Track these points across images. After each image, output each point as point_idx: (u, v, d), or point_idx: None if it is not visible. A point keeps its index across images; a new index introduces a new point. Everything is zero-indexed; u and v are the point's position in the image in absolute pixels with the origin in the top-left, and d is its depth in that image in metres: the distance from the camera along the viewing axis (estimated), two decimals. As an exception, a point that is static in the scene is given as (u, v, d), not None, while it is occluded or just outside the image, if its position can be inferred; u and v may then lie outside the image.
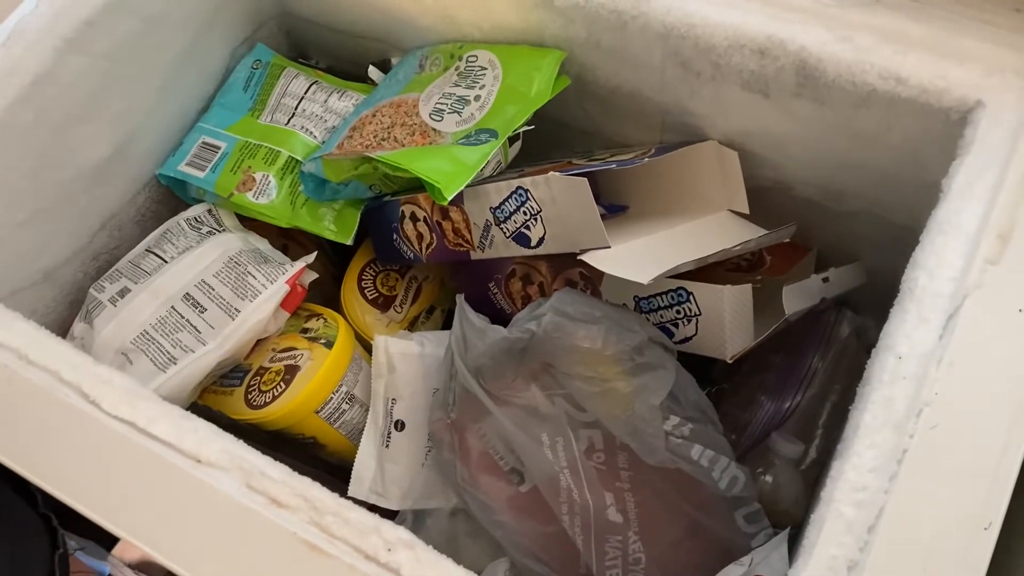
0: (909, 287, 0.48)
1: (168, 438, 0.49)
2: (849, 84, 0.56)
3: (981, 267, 0.47)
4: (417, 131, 0.69)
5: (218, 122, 0.77)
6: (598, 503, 0.60)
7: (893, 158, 0.60)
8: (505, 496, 0.61)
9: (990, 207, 0.48)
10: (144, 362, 0.66)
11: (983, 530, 0.41)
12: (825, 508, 0.43)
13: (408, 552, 0.44)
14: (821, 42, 0.55)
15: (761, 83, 0.59)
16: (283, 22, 0.84)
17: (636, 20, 0.60)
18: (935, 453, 0.43)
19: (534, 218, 0.61)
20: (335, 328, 0.68)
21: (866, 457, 0.44)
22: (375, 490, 0.65)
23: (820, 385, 0.68)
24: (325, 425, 0.66)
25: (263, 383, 0.66)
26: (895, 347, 0.46)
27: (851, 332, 0.69)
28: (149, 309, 0.67)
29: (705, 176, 0.67)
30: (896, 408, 0.44)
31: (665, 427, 0.59)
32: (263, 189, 0.72)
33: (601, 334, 0.59)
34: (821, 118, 0.60)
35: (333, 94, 0.77)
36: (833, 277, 0.66)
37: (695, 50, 0.59)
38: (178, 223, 0.74)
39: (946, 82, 0.53)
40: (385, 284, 0.76)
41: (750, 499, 0.61)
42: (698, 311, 0.61)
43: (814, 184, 0.67)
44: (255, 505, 0.46)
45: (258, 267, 0.69)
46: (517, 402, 0.61)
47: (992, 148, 0.50)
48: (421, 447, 0.65)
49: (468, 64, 0.70)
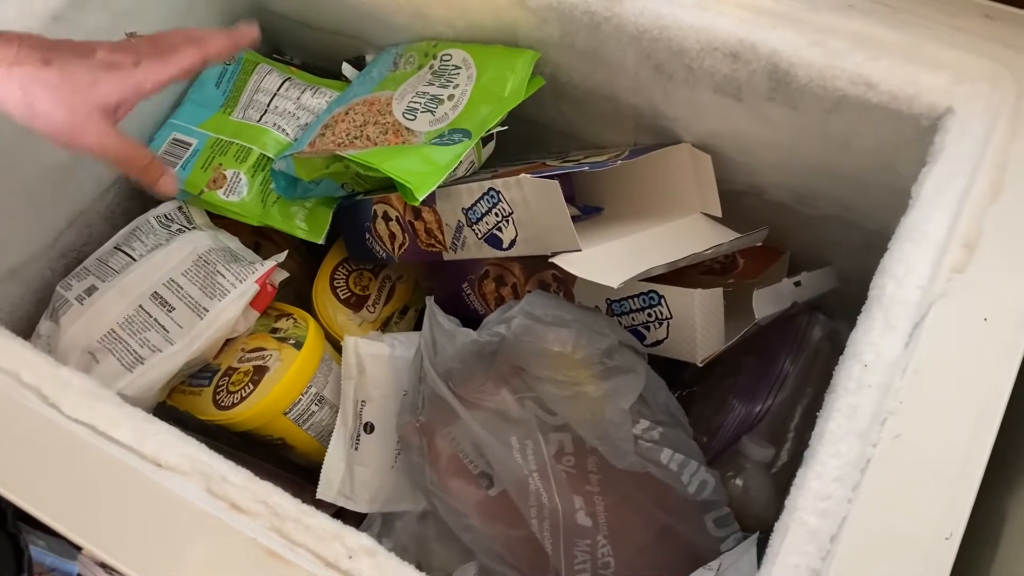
0: (876, 294, 0.48)
1: (129, 442, 0.48)
2: (820, 89, 0.56)
3: (947, 276, 0.47)
4: (390, 130, 0.68)
5: (189, 118, 0.76)
6: (567, 507, 0.60)
7: (865, 163, 0.60)
8: (474, 500, 0.61)
9: (957, 216, 0.48)
10: (111, 361, 0.65)
11: (944, 540, 0.41)
12: (789, 516, 0.43)
13: (369, 559, 0.44)
14: (793, 46, 0.55)
15: (734, 87, 0.59)
16: (257, 18, 0.82)
17: (609, 21, 0.60)
18: (898, 462, 0.43)
19: (506, 220, 0.61)
20: (305, 329, 0.67)
21: (830, 466, 0.43)
22: (344, 493, 0.64)
23: (791, 389, 0.68)
24: (294, 427, 0.65)
25: (231, 384, 0.65)
26: (861, 355, 0.46)
27: (823, 336, 0.69)
28: (117, 308, 0.67)
29: (679, 179, 0.67)
30: (861, 416, 0.44)
31: (635, 431, 0.59)
32: (234, 187, 0.71)
33: (571, 337, 0.59)
34: (793, 122, 0.59)
35: (306, 91, 0.76)
36: (805, 281, 0.66)
37: (668, 53, 0.59)
38: (148, 220, 0.73)
39: (916, 88, 0.53)
40: (358, 284, 0.76)
41: (720, 503, 0.61)
42: (669, 314, 0.61)
43: (787, 188, 0.67)
44: (215, 511, 0.46)
45: (227, 266, 0.68)
46: (487, 405, 0.60)
47: (961, 156, 0.50)
48: (391, 450, 0.65)
49: (442, 63, 0.69)
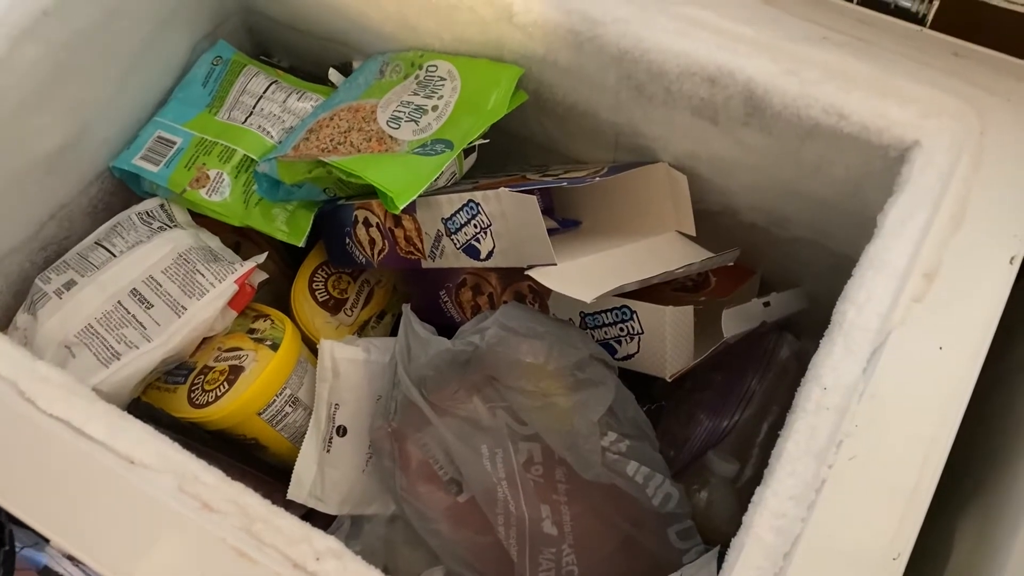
0: (838, 319, 0.49)
1: (102, 438, 0.49)
2: (794, 116, 0.57)
3: (907, 304, 0.48)
4: (374, 137, 0.69)
5: (175, 117, 0.76)
6: (534, 515, 0.61)
7: (835, 189, 0.61)
8: (443, 505, 0.62)
9: (919, 246, 0.50)
10: (87, 356, 0.65)
11: (892, 560, 0.43)
12: (745, 533, 0.45)
13: (336, 562, 0.45)
14: (769, 74, 0.57)
15: (711, 110, 0.61)
16: (246, 19, 0.84)
17: (592, 42, 0.61)
18: (852, 484, 0.44)
19: (484, 231, 0.62)
20: (282, 330, 0.68)
21: (786, 484, 0.45)
22: (314, 494, 0.65)
23: (758, 406, 0.69)
24: (267, 427, 0.66)
25: (207, 382, 0.65)
26: (821, 378, 0.47)
27: (791, 355, 0.71)
28: (95, 303, 0.67)
29: (655, 197, 0.68)
30: (818, 438, 0.46)
31: (602, 443, 0.60)
32: (216, 187, 0.72)
33: (544, 349, 0.60)
34: (768, 147, 0.61)
35: (292, 94, 0.77)
36: (774, 301, 0.67)
37: (648, 74, 0.60)
38: (129, 217, 0.73)
39: (886, 120, 0.55)
40: (337, 287, 0.77)
41: (683, 516, 0.62)
42: (641, 330, 0.63)
43: (760, 209, 0.68)
44: (186, 509, 0.46)
45: (207, 265, 0.68)
46: (459, 413, 0.61)
47: (925, 188, 0.52)
48: (362, 453, 0.66)
49: (428, 73, 0.71)
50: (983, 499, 0.54)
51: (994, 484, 0.54)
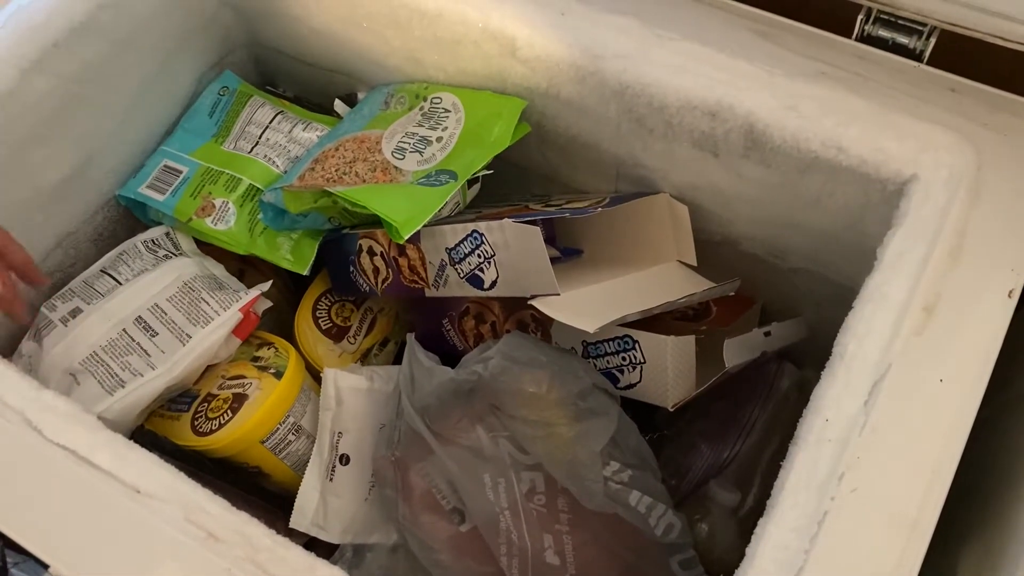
0: (839, 352, 0.50)
1: (108, 467, 0.49)
2: (794, 150, 0.58)
3: (906, 337, 0.49)
4: (379, 168, 0.70)
5: (181, 146, 0.77)
6: (536, 545, 0.61)
7: (835, 221, 0.62)
8: (445, 535, 0.62)
9: (918, 279, 0.50)
10: (92, 384, 0.66)
11: (894, 593, 0.43)
12: (748, 564, 0.45)
13: (340, 592, 0.45)
14: (768, 108, 0.58)
15: (711, 143, 0.61)
16: (252, 51, 0.85)
17: (593, 76, 0.62)
18: (853, 516, 0.45)
19: (488, 261, 0.62)
20: (286, 358, 0.68)
21: (789, 516, 0.45)
22: (317, 523, 0.65)
23: (759, 435, 0.69)
24: (270, 455, 0.66)
25: (210, 410, 0.66)
26: (823, 410, 0.48)
27: (792, 385, 0.71)
28: (100, 331, 0.67)
29: (656, 227, 0.69)
30: (820, 470, 0.46)
31: (605, 472, 0.61)
32: (222, 215, 0.73)
33: (546, 379, 0.60)
34: (767, 180, 0.62)
35: (298, 125, 0.78)
36: (775, 331, 0.68)
37: (649, 108, 0.61)
38: (135, 245, 0.74)
39: (884, 155, 0.56)
40: (340, 315, 0.77)
41: (685, 546, 0.62)
42: (643, 359, 0.63)
43: (760, 240, 0.69)
44: (191, 539, 0.47)
45: (212, 293, 0.69)
46: (461, 442, 0.62)
47: (923, 221, 0.53)
48: (365, 482, 0.66)
49: (432, 105, 0.72)
50: (985, 531, 0.54)
51: (996, 516, 0.54)
